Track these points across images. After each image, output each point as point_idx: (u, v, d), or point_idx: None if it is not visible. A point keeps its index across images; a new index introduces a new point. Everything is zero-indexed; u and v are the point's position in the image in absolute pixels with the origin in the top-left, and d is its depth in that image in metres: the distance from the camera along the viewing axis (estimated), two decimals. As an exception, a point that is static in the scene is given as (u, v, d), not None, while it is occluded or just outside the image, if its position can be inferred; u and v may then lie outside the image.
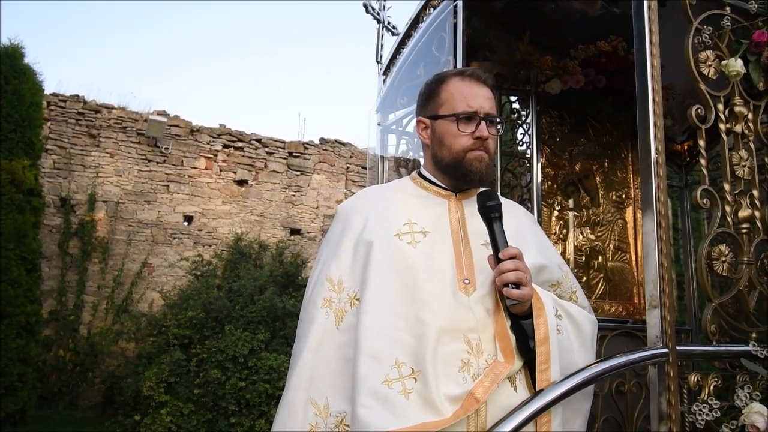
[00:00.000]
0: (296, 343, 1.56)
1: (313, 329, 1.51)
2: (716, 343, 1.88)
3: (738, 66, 2.02)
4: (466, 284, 1.52)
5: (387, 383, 1.38)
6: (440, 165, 1.66)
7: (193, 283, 8.31)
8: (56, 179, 9.04)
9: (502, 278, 1.45)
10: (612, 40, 3.38)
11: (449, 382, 1.40)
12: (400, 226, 1.59)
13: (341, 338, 1.49)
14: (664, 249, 1.78)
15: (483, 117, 1.62)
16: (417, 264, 1.52)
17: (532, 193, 3.52)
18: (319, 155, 10.97)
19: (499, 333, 1.49)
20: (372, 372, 1.40)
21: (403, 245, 1.55)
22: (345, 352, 1.47)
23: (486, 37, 3.35)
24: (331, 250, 1.62)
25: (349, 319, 1.50)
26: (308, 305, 1.57)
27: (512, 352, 1.47)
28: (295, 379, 1.48)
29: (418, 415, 1.36)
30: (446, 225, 1.61)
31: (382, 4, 3.78)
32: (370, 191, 1.80)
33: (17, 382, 6.34)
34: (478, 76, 1.68)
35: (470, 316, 1.48)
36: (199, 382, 6.83)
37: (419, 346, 1.42)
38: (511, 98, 3.89)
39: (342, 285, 1.55)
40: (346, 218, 1.66)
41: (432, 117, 1.67)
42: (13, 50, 7.14)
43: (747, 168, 2.01)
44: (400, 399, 1.37)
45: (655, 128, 1.85)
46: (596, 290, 3.53)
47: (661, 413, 1.72)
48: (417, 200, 1.66)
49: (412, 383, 1.39)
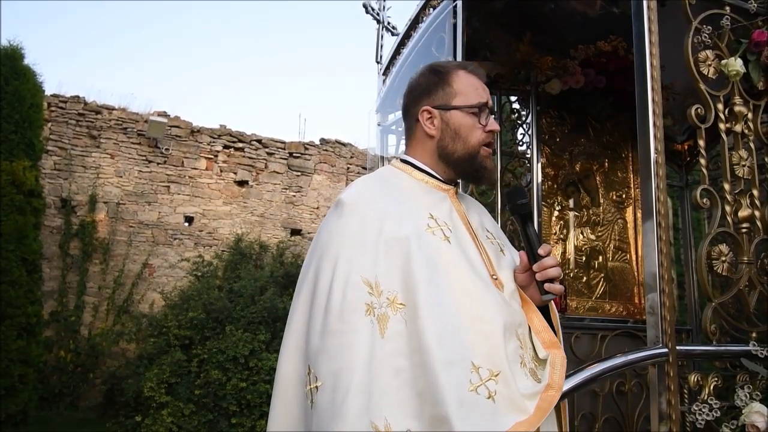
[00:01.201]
0: (334, 358, 1.31)
1: (359, 341, 1.31)
2: (716, 343, 1.88)
3: (738, 65, 2.02)
4: (495, 280, 1.51)
5: (473, 389, 1.31)
6: (450, 158, 1.59)
7: (194, 284, 8.31)
8: (57, 180, 9.04)
9: (545, 273, 1.48)
10: (612, 40, 3.38)
11: (519, 380, 1.39)
12: (427, 220, 1.49)
13: (388, 348, 1.33)
14: (663, 249, 1.78)
15: (491, 111, 1.62)
16: (457, 260, 1.46)
17: (532, 193, 3.52)
18: (319, 156, 10.97)
19: (537, 326, 1.53)
20: (455, 380, 1.30)
21: (438, 241, 1.46)
22: (395, 363, 1.32)
23: (486, 37, 3.35)
24: (354, 246, 1.42)
25: (394, 325, 1.35)
26: (344, 312, 1.34)
27: (556, 342, 1.52)
28: (355, 401, 1.26)
29: (509, 417, 1.33)
30: (459, 221, 1.56)
31: (381, 4, 3.78)
32: (371, 180, 1.63)
33: (18, 383, 6.35)
34: (481, 73, 1.65)
35: (516, 312, 1.49)
36: (200, 383, 6.83)
37: (491, 346, 1.37)
38: (511, 98, 3.89)
39: (380, 287, 1.38)
40: (361, 210, 1.48)
41: (443, 107, 1.58)
42: (13, 51, 7.14)
43: (747, 167, 2.01)
44: (489, 404, 1.31)
45: (654, 128, 1.85)
46: (597, 290, 3.54)
47: (661, 413, 1.72)
48: (424, 193, 1.57)
49: (493, 385, 1.33)
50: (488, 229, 1.65)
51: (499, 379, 1.34)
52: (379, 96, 3.73)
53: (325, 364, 1.31)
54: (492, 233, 1.64)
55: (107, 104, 9.66)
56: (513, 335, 1.44)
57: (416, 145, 1.64)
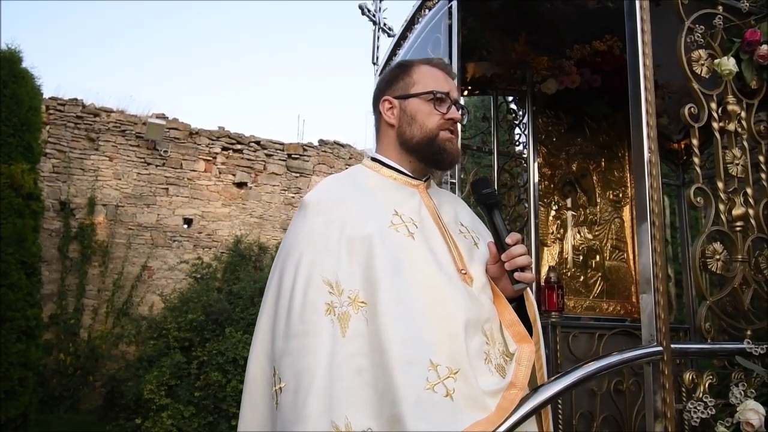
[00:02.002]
0: (297, 359, 1.33)
1: (320, 342, 1.32)
2: (711, 341, 1.89)
3: (731, 65, 2.02)
4: (464, 275, 1.49)
5: (429, 387, 1.29)
6: (408, 144, 1.59)
7: (193, 286, 8.33)
8: (55, 183, 9.05)
9: (513, 263, 1.46)
10: (607, 39, 3.39)
11: (481, 376, 1.37)
12: (391, 217, 1.49)
13: (349, 348, 1.33)
14: (657, 247, 1.79)
15: (453, 102, 1.60)
16: (422, 256, 1.44)
17: (529, 193, 3.53)
18: (318, 157, 10.98)
19: (507, 320, 1.50)
20: (412, 379, 1.29)
21: (402, 237, 1.46)
22: (356, 363, 1.32)
23: (482, 37, 3.36)
24: (316, 247, 1.43)
25: (356, 325, 1.35)
26: (305, 313, 1.35)
27: (526, 336, 1.49)
28: (315, 402, 1.27)
29: (469, 416, 1.31)
30: (428, 216, 1.56)
31: (377, 5, 3.79)
32: (337, 180, 1.63)
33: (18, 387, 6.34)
34: (445, 66, 1.67)
35: (482, 307, 1.46)
36: (200, 385, 6.83)
37: (452, 343, 1.35)
38: (507, 98, 3.90)
39: (341, 287, 1.39)
40: (326, 210, 1.49)
41: (402, 96, 1.61)
42: (11, 54, 7.14)
43: (740, 166, 2.01)
44: (447, 402, 1.29)
45: (648, 127, 1.86)
46: (594, 289, 3.54)
47: (656, 411, 1.72)
48: (392, 190, 1.57)
49: (452, 383, 1.31)
50: (463, 223, 1.63)
51: (459, 377, 1.32)
52: (376, 97, 3.73)
53: (288, 366, 1.33)
54: (467, 227, 1.63)
55: (105, 107, 9.66)
56: (478, 331, 1.42)
57: (382, 139, 1.66)
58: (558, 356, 3.11)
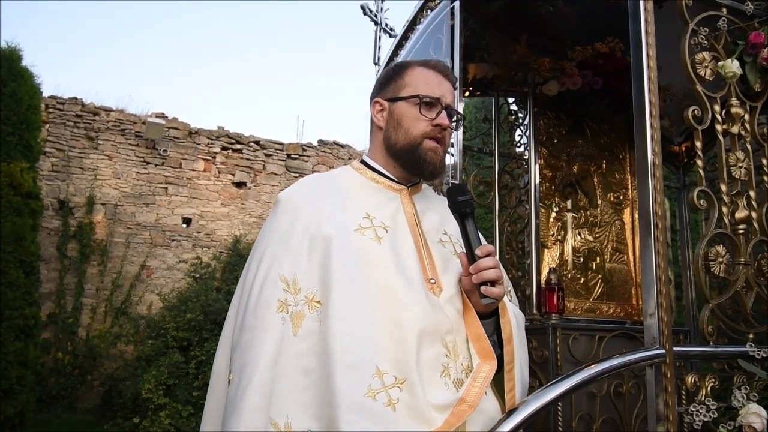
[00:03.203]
0: (244, 353, 1.34)
1: (268, 337, 1.32)
2: (713, 344, 1.88)
3: (734, 67, 2.02)
4: (432, 284, 1.45)
5: (371, 395, 1.26)
6: (393, 150, 1.56)
7: (192, 286, 8.32)
8: (54, 182, 9.03)
9: (480, 276, 1.39)
10: (609, 41, 3.39)
11: (433, 390, 1.32)
12: (360, 220, 1.46)
13: (300, 347, 1.32)
14: (660, 250, 1.78)
15: (444, 107, 1.54)
16: (385, 261, 1.41)
17: (529, 195, 3.52)
18: (317, 157, 10.97)
19: (473, 334, 1.43)
20: (352, 383, 1.26)
21: (366, 241, 1.43)
22: (305, 362, 1.31)
23: (483, 38, 3.35)
24: (279, 244, 1.43)
25: (309, 324, 1.34)
26: (257, 308, 1.36)
27: (490, 353, 1.41)
28: (252, 396, 1.27)
29: (408, 428, 1.26)
30: (404, 221, 1.52)
31: (379, 6, 3.79)
32: (313, 179, 1.64)
33: (16, 386, 6.32)
34: (442, 68, 1.61)
35: (445, 318, 1.40)
36: (198, 385, 6.82)
37: (401, 351, 1.31)
38: (508, 100, 3.90)
39: (298, 285, 1.38)
40: (294, 209, 1.48)
41: (391, 99, 1.58)
42: (10, 53, 7.13)
43: (744, 169, 2.01)
44: (387, 412, 1.25)
45: (651, 129, 1.85)
46: (594, 291, 3.54)
47: (658, 414, 1.72)
48: (370, 193, 1.55)
49: (397, 393, 1.27)
50: (447, 231, 1.58)
51: (405, 387, 1.28)
52: (377, 97, 3.72)
53: (237, 359, 1.36)
54: (450, 235, 1.57)
55: (105, 106, 9.66)
56: (437, 342, 1.36)
57: (372, 141, 1.65)
58: (558, 358, 3.10)
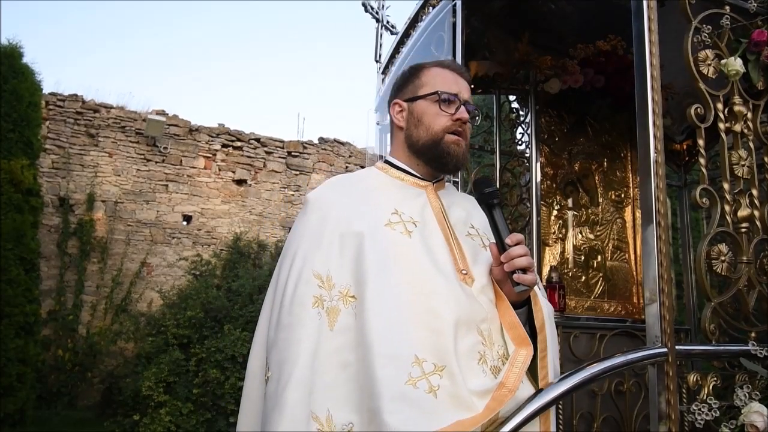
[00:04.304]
0: (282, 350, 1.37)
1: (305, 333, 1.35)
2: (715, 343, 1.88)
3: (737, 65, 2.01)
4: (464, 275, 1.49)
5: (411, 383, 1.29)
6: (415, 147, 1.60)
7: (192, 283, 8.31)
8: (55, 179, 9.02)
9: (512, 264, 1.43)
10: (611, 39, 3.39)
11: (472, 377, 1.35)
12: (389, 216, 1.50)
13: (336, 341, 1.36)
14: (663, 248, 1.78)
15: (462, 102, 1.59)
16: (417, 254, 1.45)
17: (531, 193, 3.52)
18: (318, 155, 10.96)
19: (508, 322, 1.48)
20: (393, 373, 1.29)
21: (397, 235, 1.47)
22: (342, 357, 1.35)
23: (485, 36, 3.35)
24: (310, 242, 1.47)
25: (345, 319, 1.38)
26: (293, 306, 1.39)
27: (526, 339, 1.46)
28: (294, 391, 1.30)
29: (451, 414, 1.29)
30: (431, 216, 1.56)
31: (380, 3, 3.78)
32: (342, 179, 1.68)
33: (16, 383, 6.33)
34: (457, 67, 1.66)
35: (479, 307, 1.44)
36: (198, 382, 6.82)
37: (438, 341, 1.34)
38: (510, 98, 3.89)
39: (332, 281, 1.41)
40: (323, 207, 1.53)
41: (410, 99, 1.62)
42: (11, 50, 7.12)
43: (746, 167, 2.01)
44: (428, 398, 1.28)
45: (654, 128, 1.85)
46: (595, 290, 3.54)
47: (660, 413, 1.72)
48: (396, 190, 1.59)
49: (437, 379, 1.30)
50: (473, 225, 1.63)
51: (444, 374, 1.31)
52: (378, 95, 3.73)
53: (274, 356, 1.38)
54: (477, 229, 1.62)
55: (105, 103, 9.63)
56: (472, 330, 1.41)
57: (394, 142, 1.69)
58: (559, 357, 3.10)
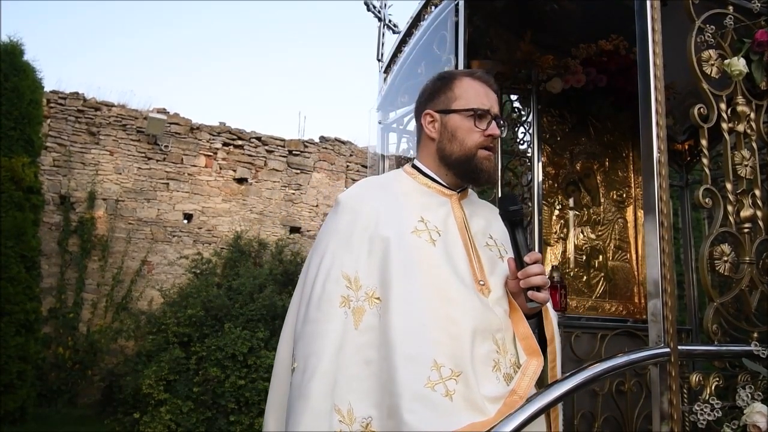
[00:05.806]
0: (308, 343, 1.43)
1: (331, 329, 1.42)
2: (718, 343, 1.88)
3: (741, 65, 2.01)
4: (482, 285, 1.54)
5: (430, 386, 1.36)
6: (447, 160, 1.64)
7: (193, 282, 8.31)
8: (56, 177, 9.03)
9: (528, 281, 1.49)
10: (613, 39, 3.38)
11: (486, 383, 1.42)
12: (416, 223, 1.56)
13: (361, 339, 1.43)
14: (665, 248, 1.78)
15: (494, 116, 1.64)
16: (440, 262, 1.51)
17: (532, 192, 3.51)
18: (319, 153, 10.97)
19: (521, 333, 1.54)
20: (412, 375, 1.37)
21: (422, 243, 1.53)
22: (365, 354, 1.42)
23: (487, 35, 3.34)
24: (340, 243, 1.53)
25: (369, 319, 1.45)
26: (321, 303, 1.46)
27: (537, 350, 1.52)
28: (318, 383, 1.37)
29: (465, 416, 1.36)
30: (454, 225, 1.61)
31: (383, 2, 3.78)
32: (372, 182, 1.74)
33: (16, 380, 6.35)
34: (487, 79, 1.70)
35: (494, 317, 1.50)
36: (199, 380, 6.82)
37: (456, 347, 1.41)
38: (512, 97, 3.88)
39: (359, 282, 1.48)
40: (354, 209, 1.57)
41: (443, 111, 1.65)
42: (12, 48, 7.14)
43: (749, 167, 2.00)
44: (445, 401, 1.36)
45: (657, 128, 1.85)
46: (597, 289, 3.54)
47: (662, 413, 1.71)
48: (423, 197, 1.64)
49: (453, 384, 1.38)
50: (492, 236, 1.67)
51: (460, 380, 1.38)
52: (380, 94, 3.72)
53: (301, 348, 1.45)
54: (495, 240, 1.67)
55: (106, 101, 9.64)
56: (488, 339, 1.47)
57: (422, 149, 1.72)
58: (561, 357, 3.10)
